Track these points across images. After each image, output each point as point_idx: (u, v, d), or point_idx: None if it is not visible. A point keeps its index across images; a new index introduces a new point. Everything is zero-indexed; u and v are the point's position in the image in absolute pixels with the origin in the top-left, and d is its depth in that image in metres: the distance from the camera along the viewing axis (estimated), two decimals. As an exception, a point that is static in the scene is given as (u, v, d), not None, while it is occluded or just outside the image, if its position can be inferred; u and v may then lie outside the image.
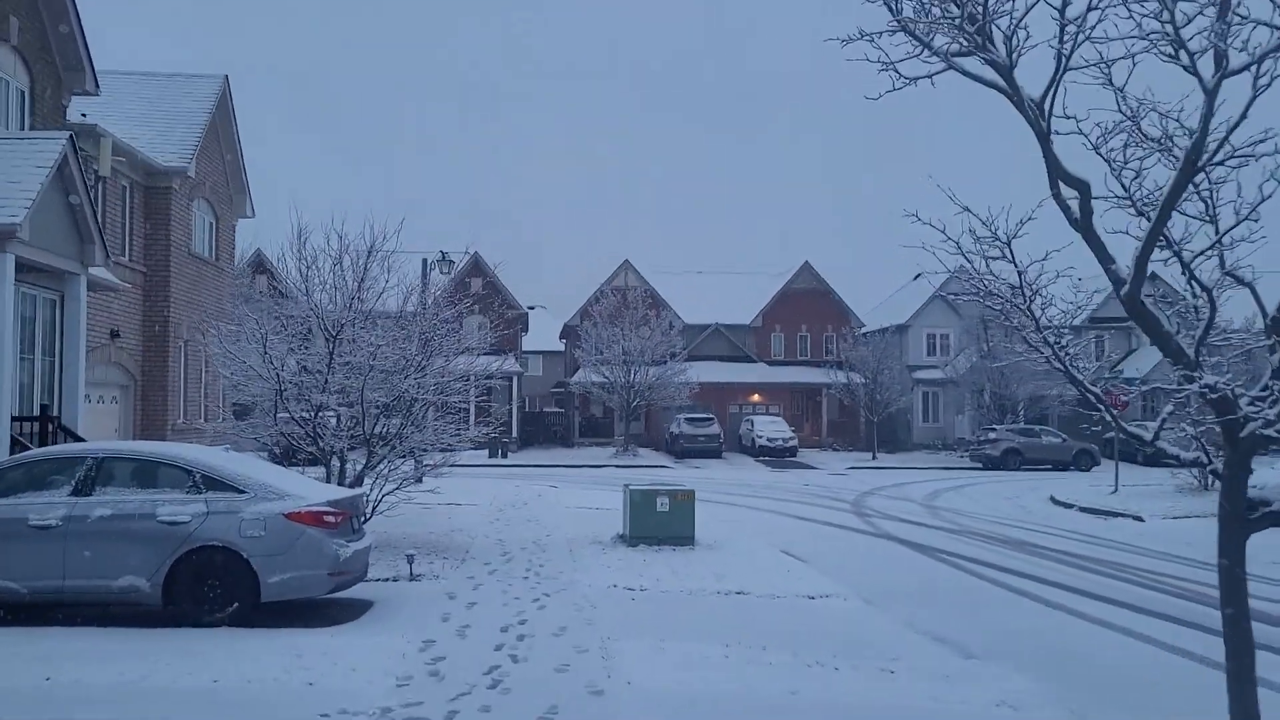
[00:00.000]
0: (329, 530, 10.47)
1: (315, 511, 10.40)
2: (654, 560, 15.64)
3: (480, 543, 17.22)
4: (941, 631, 11.54)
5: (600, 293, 54.46)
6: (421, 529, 18.27)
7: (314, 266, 15.37)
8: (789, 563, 16.31)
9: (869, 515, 24.70)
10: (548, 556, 15.88)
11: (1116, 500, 27.92)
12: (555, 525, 19.94)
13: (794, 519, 23.71)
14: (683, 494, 17.41)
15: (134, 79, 23.79)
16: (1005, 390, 48.69)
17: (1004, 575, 15.96)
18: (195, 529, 10.15)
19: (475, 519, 20.51)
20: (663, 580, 13.84)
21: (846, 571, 15.62)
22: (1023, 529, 22.40)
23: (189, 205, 22.84)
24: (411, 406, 15.89)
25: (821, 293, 57.89)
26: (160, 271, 21.58)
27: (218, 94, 23.76)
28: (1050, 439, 44.82)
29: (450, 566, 14.47)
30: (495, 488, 28.06)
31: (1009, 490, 33.00)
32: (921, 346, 56.15)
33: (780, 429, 48.65)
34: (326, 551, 10.40)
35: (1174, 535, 21.48)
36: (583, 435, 54.09)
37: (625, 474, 37.16)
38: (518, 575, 14.00)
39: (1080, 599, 14.00)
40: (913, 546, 19.25)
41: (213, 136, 24.10)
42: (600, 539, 17.81)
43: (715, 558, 16.05)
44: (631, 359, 46.35)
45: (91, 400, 19.34)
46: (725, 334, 56.63)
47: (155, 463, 10.65)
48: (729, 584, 13.73)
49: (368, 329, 15.16)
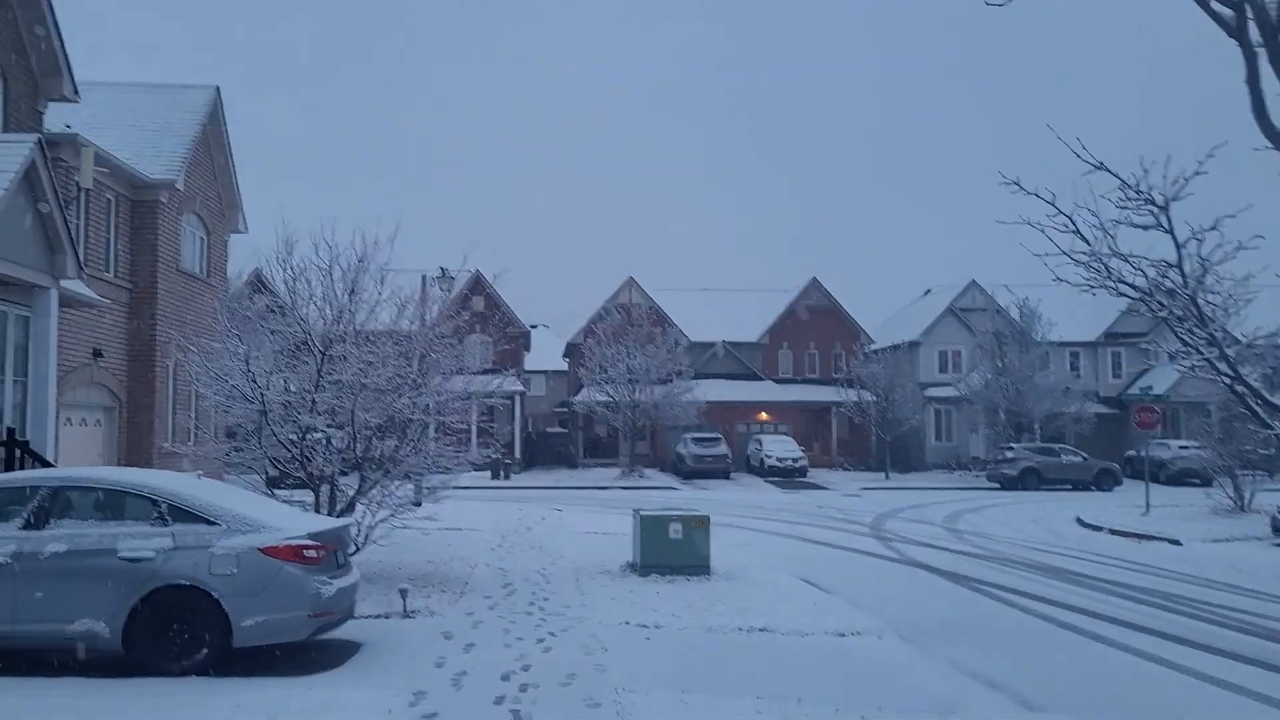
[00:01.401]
0: (310, 566, 9.38)
1: (294, 545, 9.31)
2: (668, 592, 14.55)
3: (481, 572, 16.16)
4: (993, 675, 10.44)
5: (604, 310, 53.48)
6: (418, 557, 17.23)
7: (301, 279, 14.33)
8: (813, 593, 15.21)
9: (890, 539, 23.60)
10: (553, 588, 14.81)
11: (1149, 522, 26.77)
12: (561, 552, 18.89)
13: (811, 544, 22.62)
14: (697, 520, 16.33)
15: (121, 89, 22.89)
16: (1021, 407, 47.62)
17: (1046, 607, 14.85)
18: (160, 566, 9.06)
19: (476, 546, 19.47)
20: (679, 615, 12.73)
21: (875, 603, 14.54)
22: (1055, 554, 21.28)
23: (178, 219, 21.86)
24: (406, 427, 14.82)
25: (830, 309, 56.88)
26: (147, 288, 20.57)
27: (209, 105, 22.84)
28: (1070, 458, 43.61)
29: (448, 600, 13.39)
30: (498, 512, 27.00)
31: (1032, 512, 31.86)
32: (934, 363, 55.05)
33: (790, 449, 47.56)
34: (307, 590, 9.30)
35: (1217, 560, 20.36)
36: (587, 456, 52.98)
37: (632, 496, 36.21)
38: (520, 610, 12.92)
39: (1137, 635, 12.88)
40: (941, 574, 18.15)
41: (203, 149, 23.15)
42: (609, 567, 16.74)
43: (734, 589, 14.95)
44: (636, 377, 45.35)
45: (73, 423, 18.33)
46: (732, 352, 55.60)
47: (117, 492, 9.54)
48: (751, 619, 12.63)
49: (359, 345, 14.11)
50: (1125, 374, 55.31)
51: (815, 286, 57.29)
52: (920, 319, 57.23)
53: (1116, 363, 55.65)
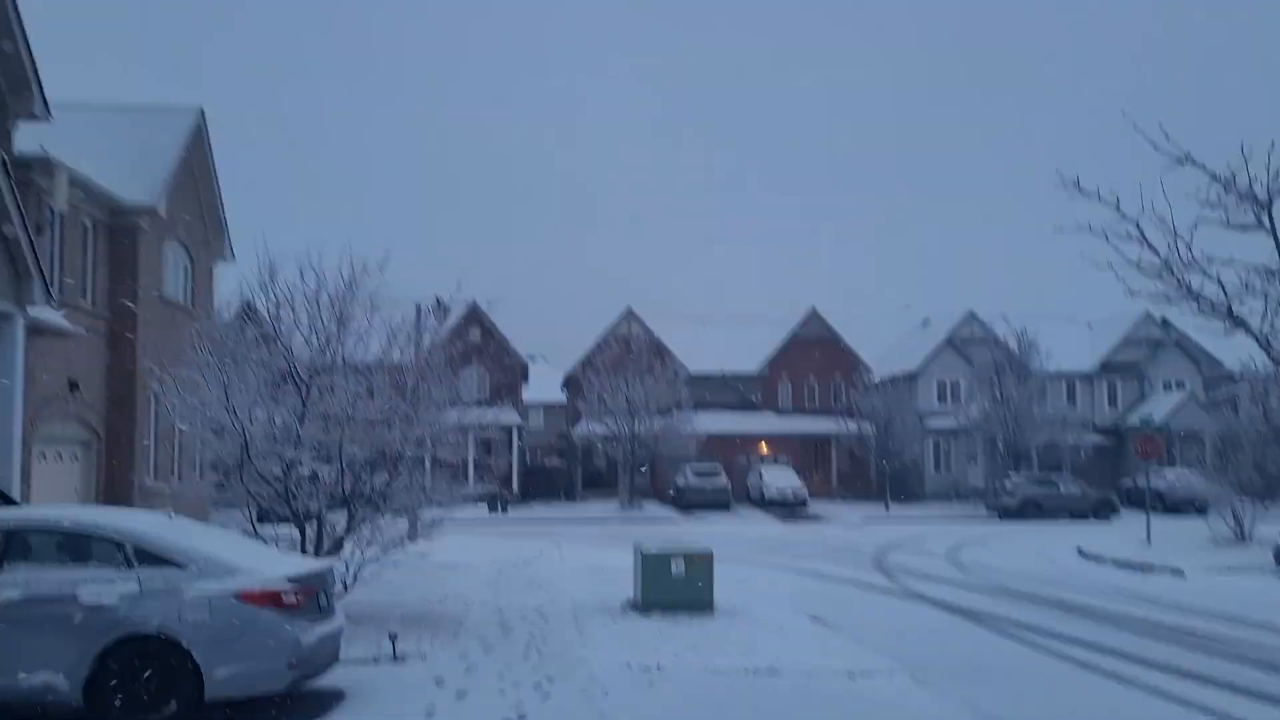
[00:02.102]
0: (289, 612, 8.70)
1: (271, 590, 8.64)
2: (670, 631, 13.88)
3: (476, 612, 15.48)
4: (1012, 717, 9.80)
5: (603, 341, 52.93)
6: (411, 596, 16.56)
7: (286, 305, 13.71)
8: (820, 631, 14.56)
9: (894, 573, 22.96)
10: (551, 628, 14.14)
11: (1151, 553, 26.17)
12: (559, 588, 18.23)
13: (815, 578, 21.97)
14: (699, 556, 15.69)
15: (101, 111, 22.26)
16: (1019, 438, 47.11)
17: (1056, 643, 14.22)
18: (125, 613, 8.38)
19: (472, 582, 18.81)
20: (683, 656, 12.06)
21: (883, 640, 13.92)
22: (1059, 586, 20.66)
23: (160, 246, 21.25)
24: (398, 461, 14.19)
25: (829, 339, 56.38)
26: (127, 317, 19.92)
27: (192, 128, 22.27)
28: (1069, 488, 43.14)
29: (440, 643, 12.70)
30: (495, 546, 26.37)
31: (1033, 543, 31.26)
32: (932, 394, 54.54)
33: (790, 480, 46.90)
34: (285, 638, 8.61)
35: (1222, 593, 19.77)
36: (586, 488, 52.24)
37: (630, 529, 35.54)
38: (517, 653, 12.24)
39: (1152, 672, 12.25)
40: (948, 609, 17.52)
41: (187, 173, 22.58)
42: (609, 605, 16.09)
43: (738, 627, 14.30)
44: (635, 409, 44.79)
45: (47, 458, 17.67)
46: (731, 383, 55.02)
47: (78, 533, 8.85)
48: (758, 659, 11.98)
49: (346, 375, 13.50)
50: (1121, 404, 54.88)
51: (814, 317, 56.83)
52: (918, 350, 56.84)
53: (1112, 393, 55.26)
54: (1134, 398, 54.73)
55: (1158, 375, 54.54)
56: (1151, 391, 54.29)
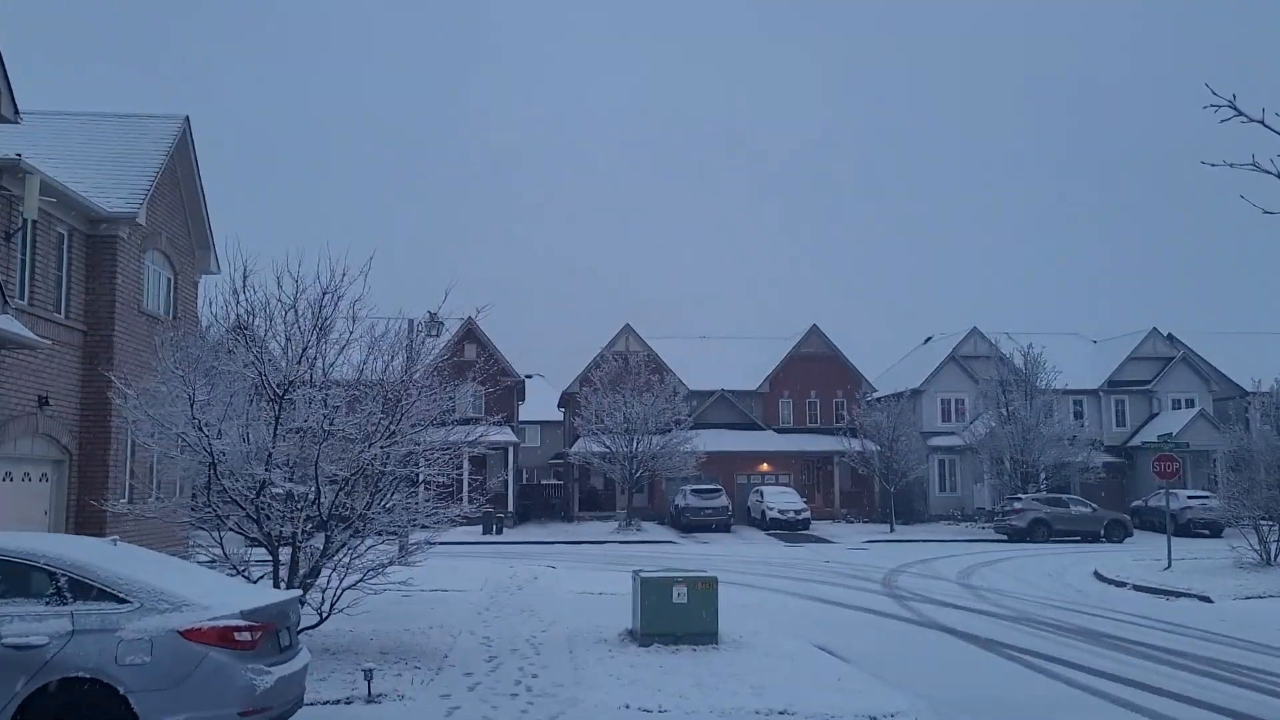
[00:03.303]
0: (242, 652, 7.69)
1: (221, 627, 7.63)
2: (673, 665, 12.88)
3: (463, 643, 14.50)
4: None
5: (600, 358, 51.98)
6: (394, 626, 15.60)
7: (262, 313, 12.75)
8: (834, 665, 13.56)
9: (905, 598, 21.95)
10: (544, 661, 13.16)
11: (1173, 577, 25.14)
12: (554, 617, 17.25)
13: (823, 603, 20.97)
14: (703, 583, 14.67)
15: (82, 119, 21.45)
16: (1027, 457, 46.10)
17: (1088, 676, 13.27)
18: (55, 654, 7.37)
19: (461, 610, 17.84)
20: (688, 697, 11.06)
21: (902, 674, 12.98)
22: (1082, 613, 19.67)
23: (140, 258, 20.28)
24: (379, 481, 13.22)
25: (830, 357, 55.45)
26: (103, 330, 18.91)
27: (176, 135, 21.33)
28: (1079, 509, 42.07)
29: (421, 679, 11.71)
30: (488, 569, 25.39)
31: (1047, 565, 30.29)
32: (936, 412, 53.57)
33: (792, 500, 45.84)
34: (237, 682, 7.60)
35: (1255, 620, 18.80)
36: (583, 509, 51.18)
37: (629, 550, 34.67)
38: (505, 691, 11.26)
39: (1196, 710, 11.32)
40: (967, 638, 16.53)
41: (170, 182, 21.64)
42: (606, 635, 15.09)
43: (745, 660, 13.30)
44: (634, 427, 43.79)
45: (13, 478, 16.68)
46: (731, 400, 54.03)
47: (3, 562, 7.82)
48: (769, 699, 11.00)
49: (326, 389, 12.53)
50: (1130, 423, 53.86)
51: (815, 334, 55.92)
52: (922, 367, 55.95)
53: (1120, 411, 54.27)
54: (1142, 416, 53.77)
55: (1166, 393, 53.57)
56: (1160, 409, 53.32)
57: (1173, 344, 55.27)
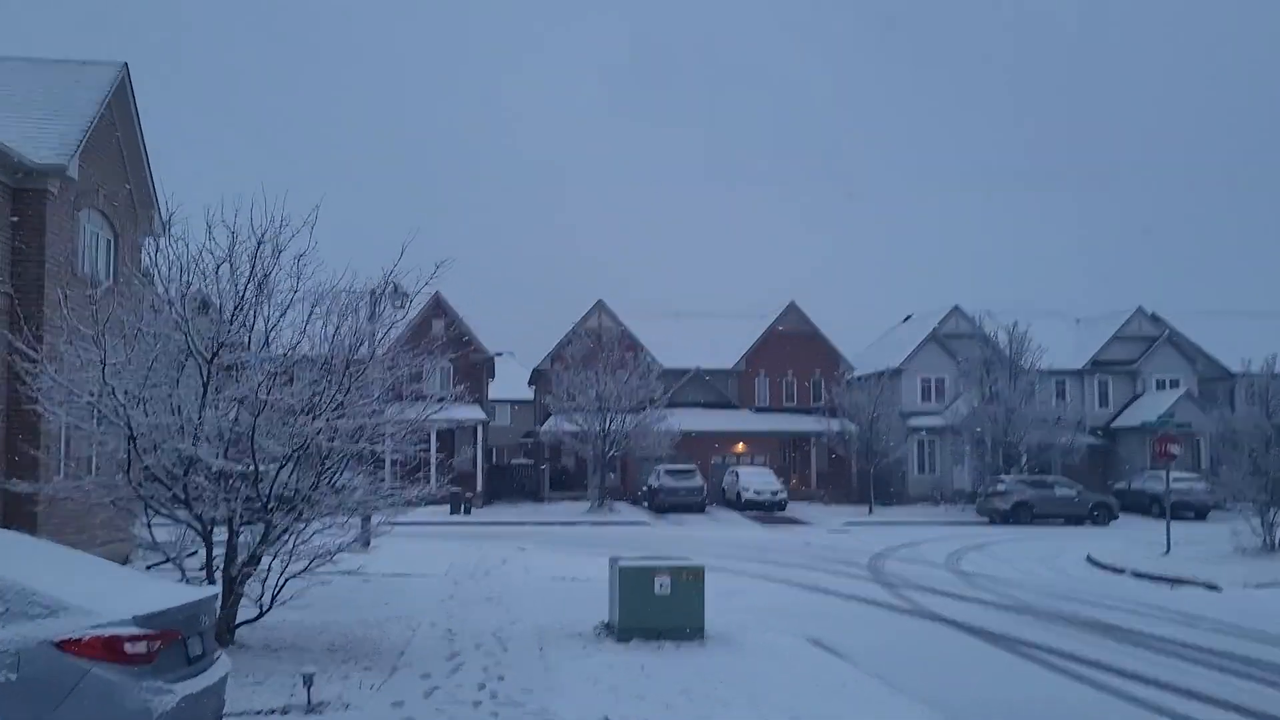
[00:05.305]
0: (134, 666, 6.15)
1: (107, 636, 6.09)
2: (655, 666, 11.47)
3: (422, 637, 13.07)
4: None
5: (572, 334, 50.50)
6: (349, 615, 14.16)
7: (192, 266, 11.21)
8: (833, 665, 12.23)
9: (895, 585, 20.73)
10: (511, 660, 11.74)
11: (1173, 564, 24.06)
12: (523, 606, 15.87)
13: (809, 591, 19.69)
14: (689, 572, 13.23)
15: (12, 64, 19.72)
16: (1010, 438, 45.01)
17: (1105, 675, 12.13)
18: (-108, 672, 5.87)
19: (423, 597, 16.45)
20: (674, 708, 9.60)
21: (907, 675, 11.70)
22: (1083, 602, 18.52)
23: (73, 215, 18.61)
24: (326, 459, 11.74)
25: (809, 335, 54.14)
26: (32, 294, 17.27)
27: (113, 83, 19.60)
28: (1064, 491, 41.05)
29: (370, 682, 10.24)
30: (453, 552, 24.04)
31: (1037, 550, 29.27)
32: (916, 391, 52.36)
33: (768, 481, 44.56)
34: (128, 705, 6.07)
35: (1269, 611, 17.65)
36: (554, 489, 49.74)
37: (601, 532, 33.52)
38: (466, 698, 9.82)
39: (1231, 716, 10.12)
40: (968, 630, 15.31)
41: (107, 134, 19.93)
42: (580, 628, 13.70)
43: (737, 661, 11.92)
44: (606, 405, 42.36)
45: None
46: (706, 379, 52.68)
47: None
48: (769, 712, 9.57)
49: (261, 353, 11.03)
50: (1113, 403, 52.90)
51: (793, 311, 54.61)
52: (902, 346, 54.74)
53: (1103, 392, 53.30)
54: (1126, 396, 52.82)
55: (1151, 373, 52.60)
56: (1144, 390, 52.39)
57: (1157, 323, 54.27)
